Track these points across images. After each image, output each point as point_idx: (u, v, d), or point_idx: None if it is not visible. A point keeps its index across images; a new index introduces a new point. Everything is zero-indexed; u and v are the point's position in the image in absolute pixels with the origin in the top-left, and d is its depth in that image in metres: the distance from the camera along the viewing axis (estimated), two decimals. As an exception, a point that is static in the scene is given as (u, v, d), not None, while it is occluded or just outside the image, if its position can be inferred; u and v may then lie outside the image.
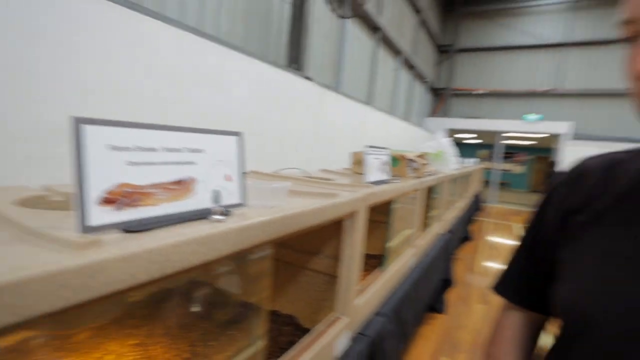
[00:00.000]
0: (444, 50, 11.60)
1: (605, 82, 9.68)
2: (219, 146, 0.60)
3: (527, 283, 0.62)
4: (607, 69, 9.70)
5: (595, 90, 9.85)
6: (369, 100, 6.29)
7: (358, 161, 1.79)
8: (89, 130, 0.42)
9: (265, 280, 0.74)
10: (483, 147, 15.06)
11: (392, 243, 1.51)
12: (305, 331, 0.86)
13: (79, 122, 0.41)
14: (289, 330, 1.01)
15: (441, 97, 11.82)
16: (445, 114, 11.61)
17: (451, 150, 2.62)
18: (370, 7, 5.18)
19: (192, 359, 0.82)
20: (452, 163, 2.65)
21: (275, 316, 1.08)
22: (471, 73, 11.53)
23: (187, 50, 2.08)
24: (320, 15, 4.33)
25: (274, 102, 2.89)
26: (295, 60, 3.48)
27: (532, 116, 9.75)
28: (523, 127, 9.81)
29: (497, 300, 0.68)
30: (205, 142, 0.57)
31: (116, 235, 0.41)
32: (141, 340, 0.87)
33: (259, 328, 0.77)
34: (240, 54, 2.43)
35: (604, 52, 9.78)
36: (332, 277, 1.03)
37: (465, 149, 15.15)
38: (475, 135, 12.96)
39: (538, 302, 0.61)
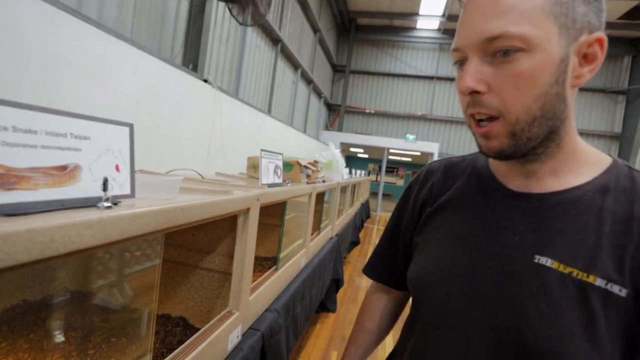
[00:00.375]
0: (339, 70, 12.53)
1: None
2: (108, 135, 0.59)
3: (390, 265, 0.74)
4: (464, 101, 11.85)
5: (458, 118, 11.93)
6: (268, 109, 6.39)
7: (253, 165, 1.84)
8: (-46, 104, 0.38)
9: (153, 289, 0.73)
10: (372, 161, 16.61)
11: (286, 245, 1.60)
12: (197, 331, 0.86)
13: (-58, 95, 0.37)
14: (179, 331, 0.99)
15: (336, 113, 12.70)
16: (339, 128, 12.49)
17: (342, 161, 2.87)
18: (271, 19, 5.33)
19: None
20: (342, 172, 2.90)
21: (164, 319, 1.05)
22: (363, 93, 12.71)
23: (63, 34, 1.83)
24: (220, 18, 4.27)
25: (167, 101, 2.73)
26: (192, 61, 3.36)
27: (411, 136, 11.25)
28: (405, 145, 11.23)
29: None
30: (93, 129, 0.56)
31: (-13, 218, 0.39)
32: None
33: (146, 333, 0.75)
34: (132, 46, 2.25)
35: (462, 87, 11.92)
36: (225, 275, 1.05)
37: (356, 162, 16.50)
38: (362, 150, 14.24)
39: (399, 280, 0.72)
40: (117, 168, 0.60)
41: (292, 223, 1.86)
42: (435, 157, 10.60)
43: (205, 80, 3.38)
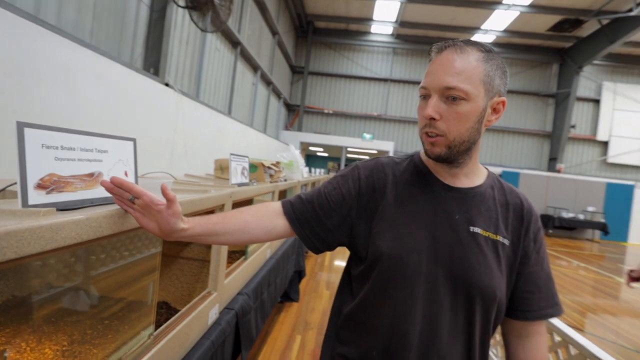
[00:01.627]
0: (298, 71, 12.73)
1: (416, 112, 12.53)
2: (119, 148, 0.76)
3: (311, 221, 0.76)
4: (417, 103, 12.57)
5: (410, 118, 12.61)
6: (228, 111, 6.44)
7: (220, 167, 2.00)
8: (27, 132, 0.55)
9: (154, 274, 0.90)
10: (331, 159, 16.99)
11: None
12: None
13: (22, 126, 0.54)
14: (164, 312, 1.16)
15: (296, 113, 12.89)
16: (299, 128, 12.70)
17: (302, 161, 3.09)
18: (230, 22, 5.41)
19: (72, 350, 0.89)
20: (302, 171, 3.12)
21: (148, 304, 1.20)
22: (321, 94, 13.01)
23: (27, 41, 1.87)
24: (180, 21, 4.30)
25: (130, 106, 2.78)
26: (153, 64, 3.40)
27: (367, 135, 11.73)
28: (362, 144, 11.68)
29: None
30: (109, 144, 0.73)
31: (53, 211, 0.56)
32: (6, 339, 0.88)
33: (146, 318, 0.91)
34: (94, 52, 2.30)
35: (415, 89, 12.65)
36: (203, 262, 1.23)
37: (316, 161, 16.79)
38: (322, 149, 14.57)
39: (309, 233, 0.76)
40: (125, 174, 0.77)
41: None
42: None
43: (167, 84, 3.43)
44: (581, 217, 11.06)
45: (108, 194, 0.71)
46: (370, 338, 0.73)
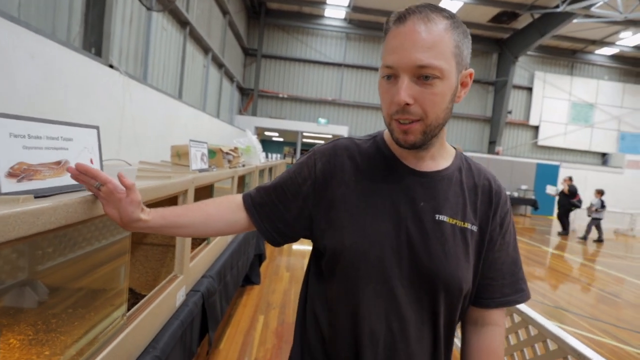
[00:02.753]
0: (251, 54, 12.39)
1: (370, 97, 12.84)
2: (83, 136, 0.76)
3: (273, 214, 0.73)
4: (371, 88, 12.87)
5: (364, 103, 12.90)
6: (179, 95, 6.17)
7: (177, 153, 1.98)
8: (-5, 121, 0.55)
9: (125, 257, 0.92)
10: (287, 144, 16.91)
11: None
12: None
13: (-10, 115, 0.54)
14: (130, 297, 1.17)
15: (250, 97, 12.61)
16: (253, 113, 12.46)
17: (259, 146, 3.10)
18: (178, 0, 5.12)
19: (37, 339, 0.89)
20: (260, 157, 3.14)
21: (112, 291, 1.20)
22: (275, 78, 12.82)
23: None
24: (121, -2, 4.01)
25: (70, 89, 2.59)
26: (95, 44, 3.17)
27: (322, 120, 11.84)
28: (317, 128, 11.77)
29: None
30: (74, 132, 0.73)
31: (31, 198, 0.57)
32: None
33: (119, 299, 0.93)
34: (27, 29, 2.11)
35: (369, 75, 12.91)
36: (168, 247, 1.25)
37: (272, 146, 16.63)
38: (277, 134, 14.47)
39: (266, 226, 0.73)
40: (91, 161, 0.78)
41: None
42: (346, 140, 11.39)
43: (111, 66, 3.23)
44: (515, 194, 12.22)
45: (76, 182, 0.72)
46: (337, 335, 0.69)
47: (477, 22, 11.76)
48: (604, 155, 14.14)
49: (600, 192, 7.97)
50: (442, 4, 10.66)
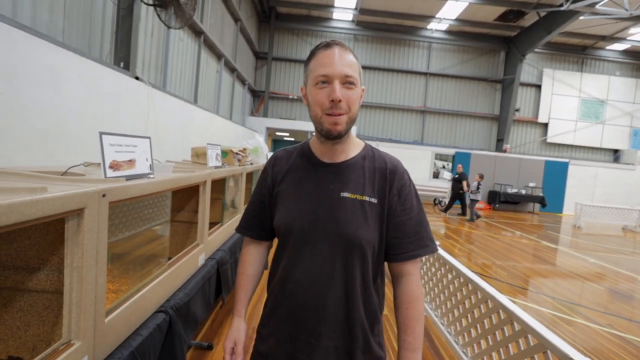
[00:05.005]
0: (261, 57, 12.86)
1: (378, 97, 13.14)
2: (142, 144, 1.19)
3: (260, 224, 1.00)
4: (379, 88, 13.14)
5: (372, 103, 13.20)
6: (194, 99, 6.67)
7: (197, 154, 2.42)
8: (104, 138, 0.98)
9: (167, 230, 1.34)
10: (298, 143, 17.29)
11: (227, 209, 2.25)
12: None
13: (101, 134, 0.97)
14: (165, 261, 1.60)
15: (261, 99, 13.09)
16: (264, 114, 12.94)
17: (265, 147, 3.53)
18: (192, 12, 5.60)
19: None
20: (266, 156, 3.57)
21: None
22: (285, 80, 13.26)
23: (18, 47, 2.15)
24: (144, 14, 4.50)
25: (107, 101, 3.07)
26: (123, 59, 3.65)
27: (331, 120, 12.18)
28: (325, 128, 12.11)
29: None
30: (137, 142, 1.17)
31: (123, 180, 1.00)
32: None
33: (165, 251, 1.36)
34: (74, 53, 2.58)
35: (376, 75, 13.19)
36: (191, 224, 1.68)
37: (283, 145, 17.08)
38: (288, 134, 14.90)
39: (266, 233, 1.01)
40: (147, 159, 1.21)
41: (228, 192, 2.50)
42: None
43: (137, 78, 3.71)
44: (523, 192, 12.34)
45: (142, 171, 1.15)
46: (280, 281, 0.91)
47: (484, 20, 11.93)
48: (615, 151, 14.07)
49: (480, 176, 9.19)
50: (447, 5, 10.96)
